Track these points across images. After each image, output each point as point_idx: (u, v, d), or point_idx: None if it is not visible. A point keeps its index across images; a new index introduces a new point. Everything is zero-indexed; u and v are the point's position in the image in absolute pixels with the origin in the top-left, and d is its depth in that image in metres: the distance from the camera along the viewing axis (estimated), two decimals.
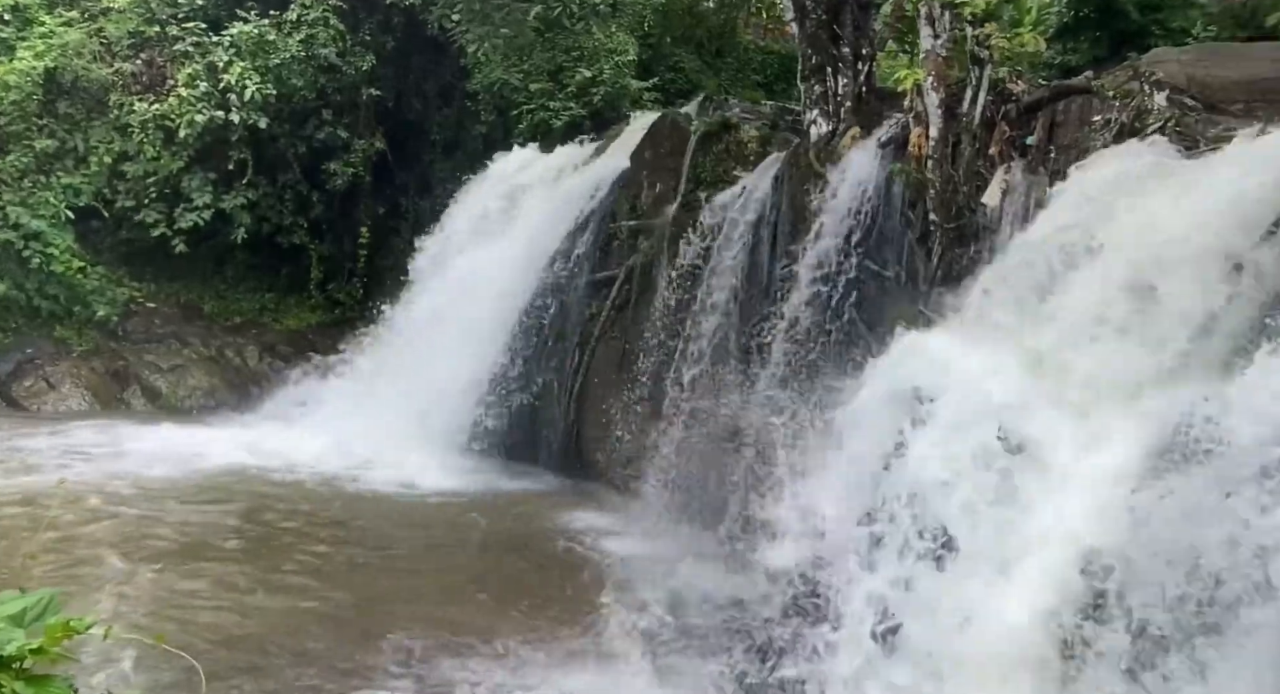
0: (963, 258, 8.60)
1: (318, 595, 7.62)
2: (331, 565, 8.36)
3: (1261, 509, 3.97)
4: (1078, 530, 5.02)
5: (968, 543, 5.49)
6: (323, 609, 7.35)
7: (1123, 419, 5.49)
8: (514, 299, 11.78)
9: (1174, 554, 4.26)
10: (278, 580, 7.85)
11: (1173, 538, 4.31)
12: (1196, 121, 6.69)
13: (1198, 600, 4.08)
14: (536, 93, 13.77)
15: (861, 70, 10.39)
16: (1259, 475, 4.31)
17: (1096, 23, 10.69)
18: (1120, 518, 4.87)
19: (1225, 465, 4.43)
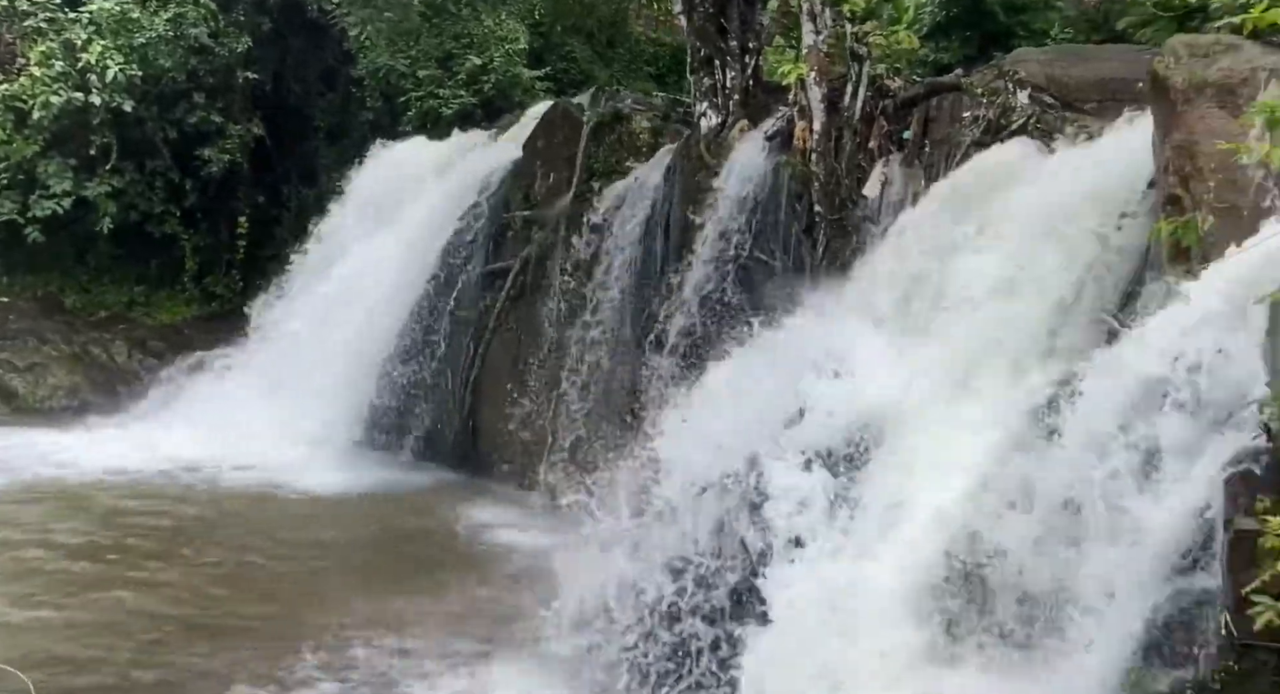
0: (846, 248, 8.93)
1: (192, 603, 7.30)
2: (211, 571, 8.00)
3: (1113, 475, 4.30)
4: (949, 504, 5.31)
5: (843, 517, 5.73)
6: (198, 617, 7.04)
7: (999, 393, 5.84)
8: (405, 291, 11.53)
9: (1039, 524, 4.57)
10: (149, 590, 7.46)
11: (1038, 506, 4.62)
12: (1055, 119, 7.15)
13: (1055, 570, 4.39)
14: (425, 80, 13.47)
15: (749, 64, 10.63)
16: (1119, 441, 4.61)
17: (966, 23, 11.25)
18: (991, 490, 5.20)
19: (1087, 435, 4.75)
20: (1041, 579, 4.44)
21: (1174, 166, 5.13)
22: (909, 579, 4.81)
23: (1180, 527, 3.98)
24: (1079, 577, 4.29)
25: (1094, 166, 6.36)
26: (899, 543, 5.06)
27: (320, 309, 11.94)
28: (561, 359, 10.69)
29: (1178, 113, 5.07)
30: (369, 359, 11.35)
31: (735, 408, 6.65)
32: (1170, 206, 5.21)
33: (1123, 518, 4.18)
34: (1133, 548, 4.08)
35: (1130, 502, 4.22)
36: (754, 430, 6.40)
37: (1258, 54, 4.95)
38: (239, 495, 9.93)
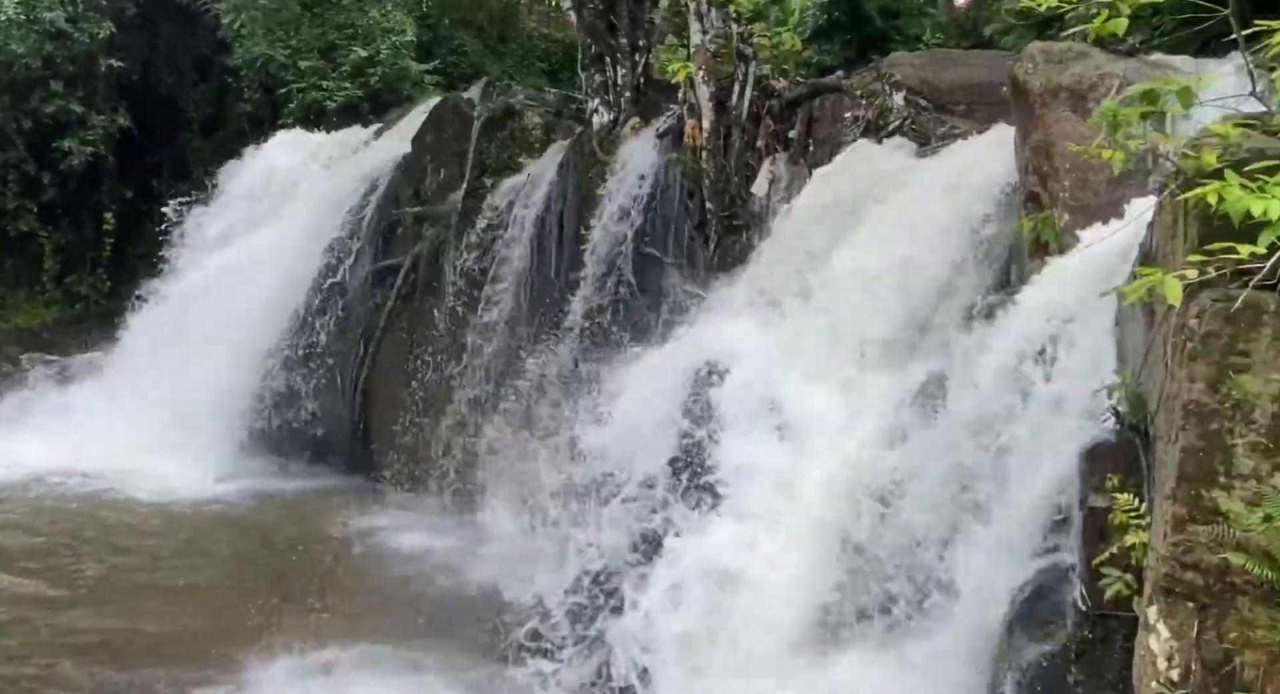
0: (736, 244, 9.11)
1: (62, 622, 6.87)
2: (85, 588, 7.55)
3: (978, 460, 4.54)
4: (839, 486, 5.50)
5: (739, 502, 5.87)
6: (67, 638, 6.62)
7: (874, 384, 6.08)
8: (289, 289, 11.08)
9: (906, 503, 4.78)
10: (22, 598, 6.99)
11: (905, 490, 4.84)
12: (929, 120, 7.47)
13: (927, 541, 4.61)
14: (307, 71, 13.00)
15: (639, 61, 10.70)
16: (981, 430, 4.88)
17: (846, 27, 11.66)
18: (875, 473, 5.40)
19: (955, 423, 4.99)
20: (915, 562, 4.65)
21: (1033, 166, 5.44)
22: (789, 566, 4.95)
23: (1041, 507, 4.22)
24: (950, 559, 4.50)
25: (964, 166, 6.67)
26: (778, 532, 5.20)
27: (198, 309, 11.36)
28: (455, 358, 10.52)
29: (1035, 115, 5.38)
30: (252, 361, 10.87)
31: (629, 409, 6.68)
32: (1030, 204, 5.52)
33: (989, 501, 4.41)
34: (999, 529, 4.31)
35: (995, 485, 4.45)
36: (646, 430, 6.45)
37: (1105, 61, 5.30)
38: (109, 509, 9.38)
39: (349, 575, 7.90)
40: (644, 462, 6.56)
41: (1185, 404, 3.08)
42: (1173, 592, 2.97)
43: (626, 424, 6.93)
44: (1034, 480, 4.27)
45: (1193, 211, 3.15)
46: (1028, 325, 4.58)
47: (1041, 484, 4.23)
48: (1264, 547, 2.76)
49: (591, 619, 5.81)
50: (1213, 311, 3.02)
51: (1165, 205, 3.53)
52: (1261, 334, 2.97)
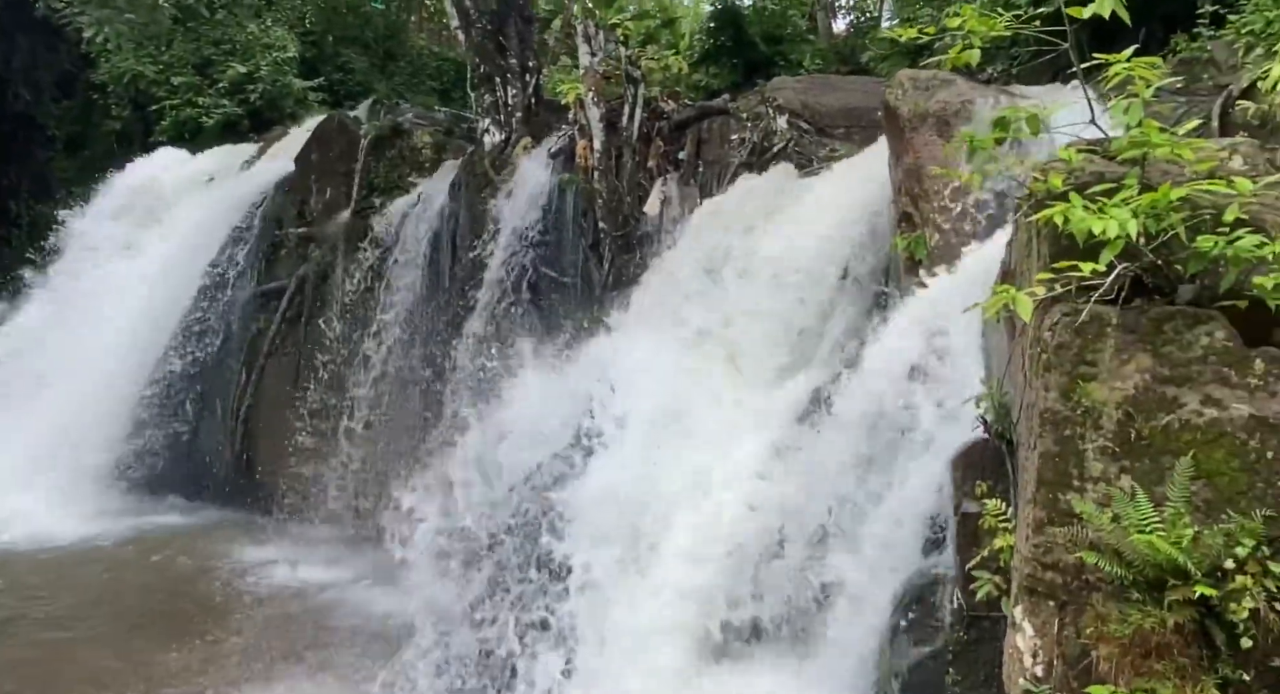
0: (630, 264, 9.19)
1: None
2: None
3: (858, 478, 4.70)
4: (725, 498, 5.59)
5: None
6: None
7: (763, 399, 6.21)
8: (164, 315, 10.55)
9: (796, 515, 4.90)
10: None
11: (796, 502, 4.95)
12: (810, 143, 7.74)
13: (810, 554, 4.74)
14: (181, 87, 12.47)
15: (530, 82, 10.71)
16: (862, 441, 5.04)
17: (732, 51, 11.98)
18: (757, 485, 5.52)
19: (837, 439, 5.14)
20: (801, 573, 4.75)
21: (905, 187, 5.69)
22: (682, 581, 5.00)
23: (918, 515, 4.38)
24: (834, 568, 4.63)
25: (843, 186, 6.93)
26: (672, 548, 5.24)
27: (63, 336, 10.65)
28: (344, 383, 10.21)
29: (906, 139, 5.64)
30: (122, 391, 10.26)
31: (522, 432, 6.63)
32: (904, 223, 5.77)
33: (870, 512, 4.55)
34: (879, 539, 4.46)
35: (874, 498, 4.61)
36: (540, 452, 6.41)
37: (968, 89, 5.61)
38: None
39: (236, 613, 7.52)
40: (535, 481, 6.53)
41: (1042, 412, 3.25)
42: (1035, 591, 3.12)
43: (520, 444, 6.87)
44: (914, 489, 4.44)
45: (1043, 231, 3.36)
46: (904, 339, 4.78)
47: (921, 492, 4.40)
48: (1114, 545, 2.93)
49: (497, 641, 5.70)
50: (1062, 325, 3.21)
51: (1019, 225, 3.74)
52: (1106, 345, 3.17)
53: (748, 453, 5.80)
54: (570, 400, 7.02)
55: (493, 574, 6.47)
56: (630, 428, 6.43)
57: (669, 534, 5.26)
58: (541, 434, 7.01)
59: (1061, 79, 5.96)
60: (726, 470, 5.76)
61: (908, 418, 4.88)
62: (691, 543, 5.13)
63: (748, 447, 5.80)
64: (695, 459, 6.00)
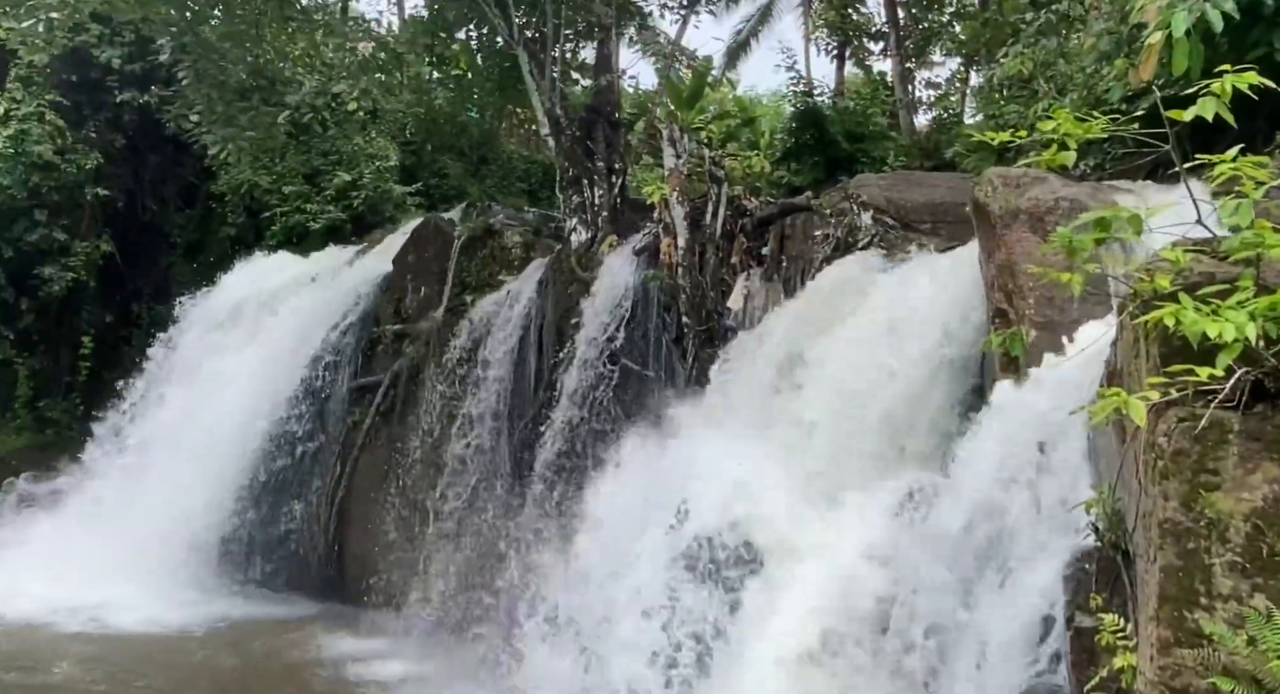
0: (714, 357, 9.22)
1: None
2: None
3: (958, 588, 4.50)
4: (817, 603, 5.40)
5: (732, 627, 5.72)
6: None
7: (852, 502, 6.05)
8: (266, 409, 11.00)
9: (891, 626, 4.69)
10: None
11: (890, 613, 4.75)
12: (896, 238, 7.74)
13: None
14: (291, 196, 13.34)
15: (615, 183, 11.10)
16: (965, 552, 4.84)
17: (814, 149, 12.20)
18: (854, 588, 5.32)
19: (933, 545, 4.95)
20: (907, 681, 4.52)
21: (998, 284, 5.61)
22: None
23: (1027, 628, 4.15)
24: (943, 678, 4.39)
25: (932, 281, 6.87)
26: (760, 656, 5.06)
27: (173, 431, 11.21)
28: (434, 476, 10.38)
29: (997, 236, 5.60)
30: (225, 483, 10.66)
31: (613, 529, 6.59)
32: (998, 320, 5.67)
33: (972, 624, 4.33)
34: (983, 653, 4.22)
35: (979, 609, 4.39)
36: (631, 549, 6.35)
37: (1061, 185, 5.57)
38: (74, 640, 8.98)
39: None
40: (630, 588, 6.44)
41: (1161, 522, 3.09)
42: None
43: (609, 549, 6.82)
44: (1023, 601, 4.22)
45: (1152, 333, 3.26)
46: (1008, 439, 4.62)
47: (1030, 605, 4.17)
48: (1250, 672, 2.72)
49: None
50: (1180, 430, 3.08)
51: (1125, 326, 3.65)
52: (1229, 453, 3.02)
53: (835, 561, 5.63)
54: (652, 497, 6.99)
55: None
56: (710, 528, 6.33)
57: (758, 643, 5.09)
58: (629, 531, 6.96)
59: (1157, 176, 5.87)
60: (811, 580, 5.60)
61: (1010, 523, 4.68)
62: (779, 652, 4.95)
63: (835, 554, 5.64)
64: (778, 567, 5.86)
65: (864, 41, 16.79)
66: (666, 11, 13.88)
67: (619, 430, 9.38)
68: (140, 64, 13.46)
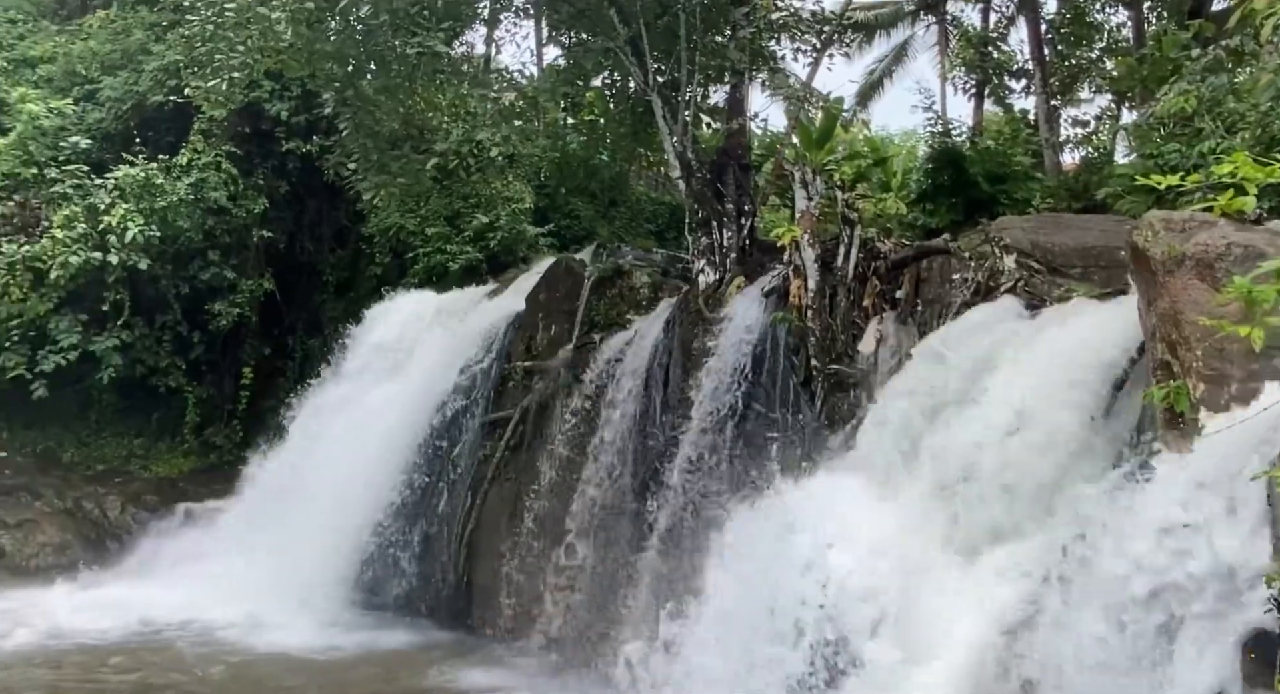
0: (843, 402, 9.01)
1: None
2: None
3: (1118, 656, 4.17)
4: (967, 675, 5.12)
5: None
6: None
7: (1006, 553, 5.73)
8: (403, 441, 11.48)
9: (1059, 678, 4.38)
10: None
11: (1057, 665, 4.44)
12: (1042, 283, 7.40)
13: None
14: (433, 236, 14.04)
15: (744, 224, 11.12)
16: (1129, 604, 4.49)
17: (951, 190, 11.84)
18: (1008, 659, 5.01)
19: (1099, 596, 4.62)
20: None
21: (1161, 334, 5.26)
22: None
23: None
24: None
25: (1083, 329, 6.51)
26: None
27: (319, 460, 11.86)
28: (560, 512, 10.52)
29: (1160, 283, 5.26)
30: (363, 511, 11.15)
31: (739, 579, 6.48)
32: (1160, 372, 5.31)
33: None
34: None
35: (1146, 675, 4.06)
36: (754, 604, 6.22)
37: (1231, 231, 5.19)
38: (221, 658, 9.52)
39: None
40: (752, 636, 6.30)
41: None
42: None
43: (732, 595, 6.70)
44: (1191, 677, 3.87)
45: None
46: (1177, 500, 4.29)
47: (1200, 682, 3.83)
48: None
49: None
50: None
51: None
52: None
53: (980, 622, 5.34)
54: (782, 543, 6.83)
55: None
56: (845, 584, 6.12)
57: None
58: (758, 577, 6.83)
59: None
60: (956, 640, 5.32)
61: (1176, 591, 4.32)
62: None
63: (979, 615, 5.35)
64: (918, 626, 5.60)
65: (1004, 79, 16.27)
66: (800, 54, 13.93)
67: (744, 473, 9.28)
68: (305, 116, 14.57)
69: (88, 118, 14.97)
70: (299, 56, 11.08)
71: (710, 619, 6.84)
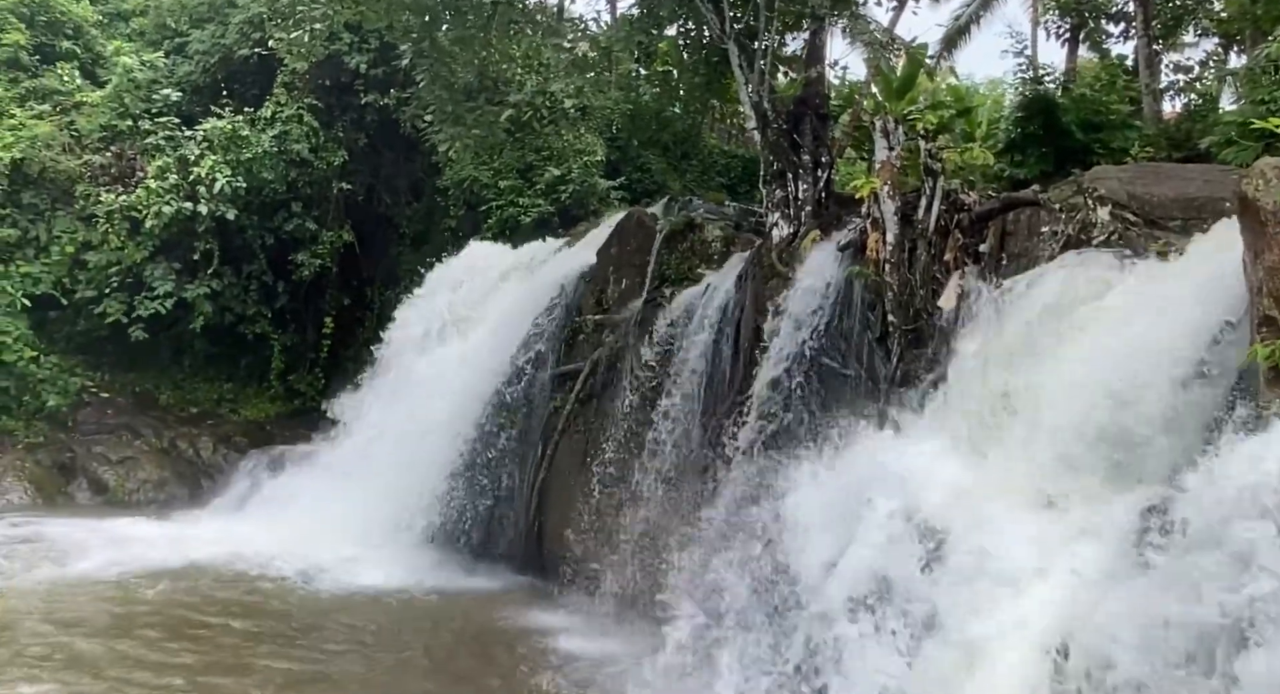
0: (920, 358, 8.78)
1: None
2: (269, 668, 7.93)
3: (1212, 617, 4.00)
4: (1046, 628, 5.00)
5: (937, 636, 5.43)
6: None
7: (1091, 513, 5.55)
8: (477, 391, 11.71)
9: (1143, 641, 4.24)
10: (214, 685, 7.41)
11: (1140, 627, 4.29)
12: (1138, 236, 7.03)
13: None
14: (506, 189, 14.12)
15: (821, 177, 10.83)
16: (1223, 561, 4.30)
17: (1042, 140, 11.28)
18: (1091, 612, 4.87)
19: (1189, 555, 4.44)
20: None
21: (1268, 288, 4.96)
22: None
23: None
24: None
25: (1181, 284, 6.18)
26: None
27: (396, 408, 12.21)
28: (629, 463, 10.61)
29: (1269, 235, 4.94)
30: (440, 458, 11.46)
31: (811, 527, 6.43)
32: (1265, 328, 5.01)
33: (1228, 667, 3.85)
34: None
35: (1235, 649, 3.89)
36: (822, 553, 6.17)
37: None
38: (302, 592, 9.98)
39: (510, 677, 7.93)
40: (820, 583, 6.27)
41: None
42: None
43: (801, 545, 6.66)
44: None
45: None
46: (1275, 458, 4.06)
47: None
48: None
49: None
50: None
51: None
52: None
53: (1061, 581, 5.19)
54: (854, 499, 6.74)
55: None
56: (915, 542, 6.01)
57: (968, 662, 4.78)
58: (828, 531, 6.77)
59: None
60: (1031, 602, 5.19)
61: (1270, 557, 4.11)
62: (1009, 664, 4.62)
63: (1061, 574, 5.19)
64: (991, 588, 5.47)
65: (1101, 23, 15.37)
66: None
67: (815, 429, 9.17)
68: (383, 69, 14.74)
69: (178, 71, 15.44)
70: (377, 6, 11.17)
71: (775, 572, 6.81)
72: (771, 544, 7.38)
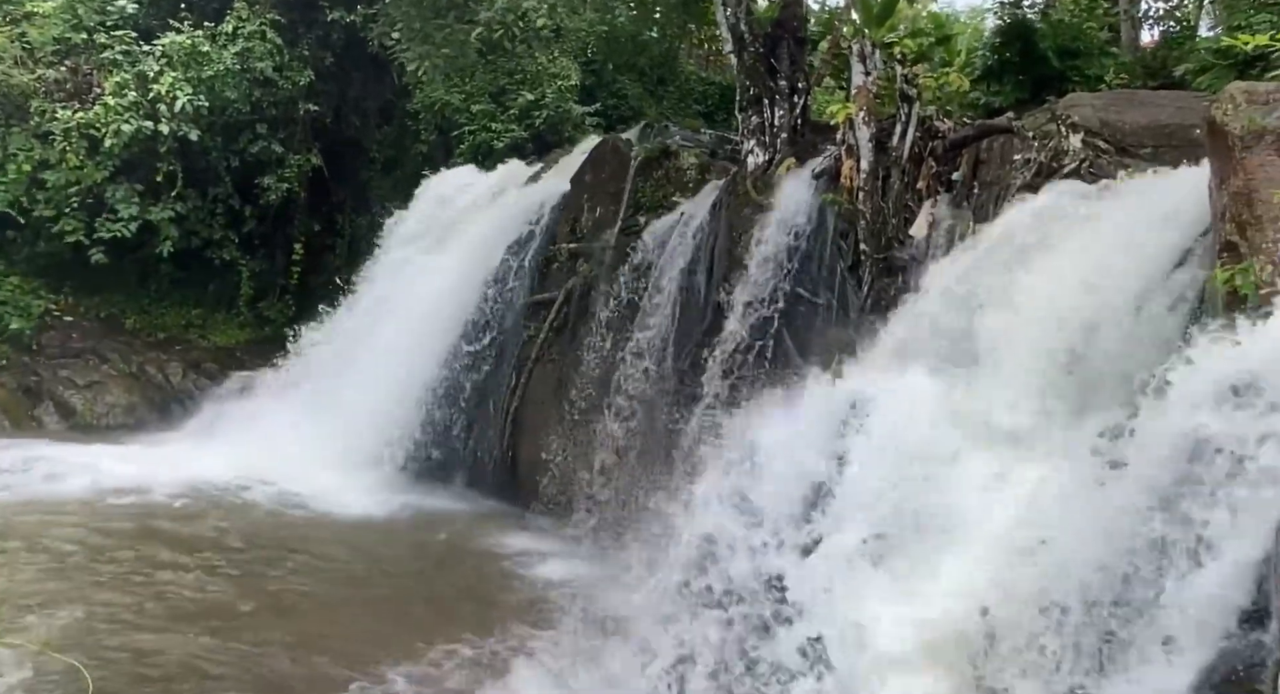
0: (891, 287, 8.86)
1: (217, 624, 7.25)
2: (239, 591, 7.99)
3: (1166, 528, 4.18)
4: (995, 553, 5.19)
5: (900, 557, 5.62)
6: (223, 640, 6.96)
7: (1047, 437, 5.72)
8: (450, 318, 11.67)
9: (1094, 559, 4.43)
10: (178, 608, 7.45)
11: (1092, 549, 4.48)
12: (1109, 163, 7.07)
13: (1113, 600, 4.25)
14: (478, 114, 13.83)
15: (797, 103, 10.70)
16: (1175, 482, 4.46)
17: (1019, 67, 11.20)
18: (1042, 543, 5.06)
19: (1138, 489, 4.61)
20: (1091, 636, 4.30)
21: (1230, 213, 5.03)
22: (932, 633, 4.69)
23: (1235, 581, 3.83)
24: (1129, 634, 4.15)
25: (1144, 210, 6.25)
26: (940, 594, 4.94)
27: (368, 334, 12.15)
28: (603, 392, 10.70)
29: (1236, 159, 4.98)
30: (413, 384, 11.48)
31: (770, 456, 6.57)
32: (1226, 254, 5.10)
33: (1171, 570, 4.04)
34: (1182, 604, 3.94)
35: (1183, 558, 4.08)
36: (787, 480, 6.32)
37: None
38: (278, 516, 10.03)
39: (483, 600, 8.10)
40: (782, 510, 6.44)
41: None
42: None
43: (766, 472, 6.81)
44: (1231, 553, 3.88)
45: None
46: (1225, 385, 4.19)
47: (1239, 557, 3.84)
48: None
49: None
50: None
51: None
52: None
53: (1017, 499, 5.37)
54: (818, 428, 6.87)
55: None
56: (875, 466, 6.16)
57: (928, 588, 4.97)
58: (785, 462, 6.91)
59: None
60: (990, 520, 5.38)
61: (1218, 473, 4.27)
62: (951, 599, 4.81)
63: (1018, 492, 5.37)
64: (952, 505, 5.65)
65: None
66: None
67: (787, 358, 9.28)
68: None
69: None
70: None
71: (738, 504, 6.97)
72: (747, 469, 7.53)
